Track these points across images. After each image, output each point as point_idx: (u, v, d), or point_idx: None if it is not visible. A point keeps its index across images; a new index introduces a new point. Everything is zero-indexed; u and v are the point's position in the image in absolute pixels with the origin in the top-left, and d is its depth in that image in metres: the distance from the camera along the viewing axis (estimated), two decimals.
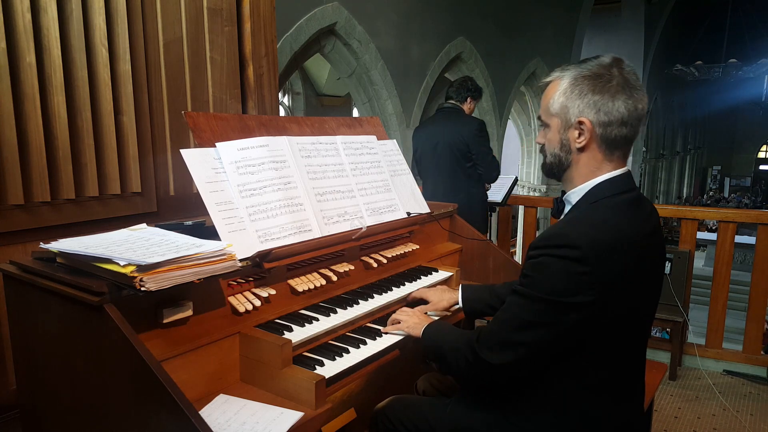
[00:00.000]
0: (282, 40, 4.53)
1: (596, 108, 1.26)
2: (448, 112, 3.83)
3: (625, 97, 1.25)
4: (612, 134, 1.27)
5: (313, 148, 1.87)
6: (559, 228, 1.25)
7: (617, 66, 1.28)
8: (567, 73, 1.31)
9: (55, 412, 1.44)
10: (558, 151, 1.34)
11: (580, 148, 1.31)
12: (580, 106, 1.27)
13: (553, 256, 1.20)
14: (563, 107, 1.30)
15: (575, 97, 1.28)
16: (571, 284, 1.18)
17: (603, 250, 1.18)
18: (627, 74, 1.27)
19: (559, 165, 1.36)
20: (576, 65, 1.31)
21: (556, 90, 1.32)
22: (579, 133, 1.29)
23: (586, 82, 1.27)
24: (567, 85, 1.29)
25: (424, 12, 6.47)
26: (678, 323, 3.53)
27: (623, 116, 1.26)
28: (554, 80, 1.34)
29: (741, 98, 21.40)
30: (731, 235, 3.59)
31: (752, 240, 3.97)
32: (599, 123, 1.27)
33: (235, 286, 1.54)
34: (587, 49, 11.92)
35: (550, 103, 1.33)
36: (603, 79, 1.26)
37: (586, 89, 1.27)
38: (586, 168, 1.32)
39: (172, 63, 2.13)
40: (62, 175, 1.82)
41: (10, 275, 1.42)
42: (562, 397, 1.30)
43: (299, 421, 1.28)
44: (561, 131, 1.32)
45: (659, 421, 2.97)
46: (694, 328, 3.84)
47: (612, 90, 1.25)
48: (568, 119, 1.30)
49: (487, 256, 2.39)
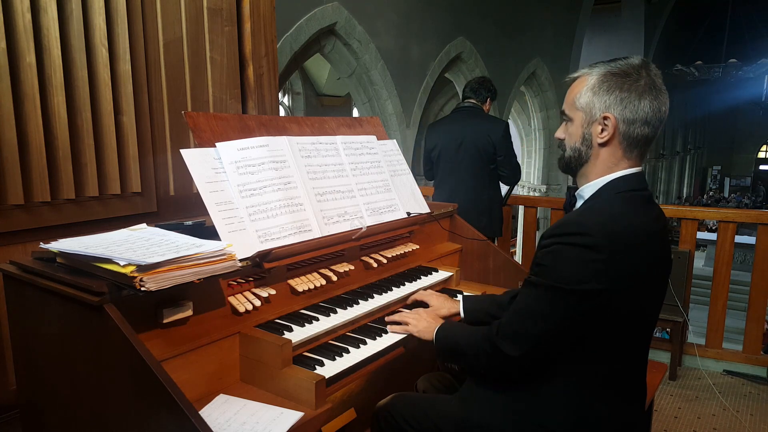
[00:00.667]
0: (282, 40, 4.53)
1: (623, 105, 1.29)
2: (471, 112, 3.73)
3: (651, 98, 1.28)
4: (634, 132, 1.30)
5: (313, 148, 1.87)
6: (573, 217, 1.27)
7: (645, 68, 1.31)
8: (596, 70, 1.33)
9: (55, 412, 1.44)
10: (579, 145, 1.36)
11: (601, 143, 1.33)
12: (606, 101, 1.30)
13: (567, 244, 1.22)
14: (590, 102, 1.32)
15: (603, 93, 1.30)
16: (585, 271, 1.20)
17: (616, 240, 1.21)
18: (654, 76, 1.30)
19: (578, 159, 1.38)
20: (605, 63, 1.34)
21: (583, 85, 1.34)
22: (602, 129, 1.32)
23: (614, 79, 1.30)
24: (595, 81, 1.32)
25: (424, 12, 6.47)
26: (678, 323, 3.53)
27: (647, 116, 1.29)
28: (582, 76, 1.36)
29: (741, 98, 21.39)
30: (731, 235, 3.59)
31: (752, 240, 3.97)
32: (624, 120, 1.29)
33: (235, 286, 1.54)
34: (587, 49, 11.93)
35: (576, 97, 1.35)
36: (631, 78, 1.29)
37: (614, 86, 1.29)
38: (603, 164, 1.34)
39: (172, 63, 2.13)
40: (62, 175, 1.82)
41: (10, 275, 1.42)
42: (568, 391, 1.31)
43: (299, 421, 1.28)
44: (584, 125, 1.34)
45: (659, 421, 2.97)
46: (694, 328, 3.84)
47: (639, 89, 1.28)
48: (593, 114, 1.32)
49: (487, 256, 2.39)
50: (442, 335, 1.55)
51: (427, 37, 6.62)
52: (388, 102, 6.18)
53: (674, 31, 18.20)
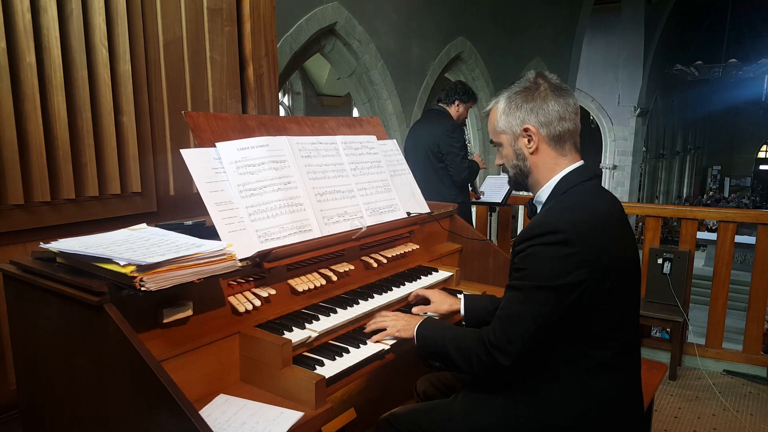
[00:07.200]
0: (282, 40, 4.52)
1: (534, 113, 1.43)
2: (432, 115, 3.93)
3: (555, 97, 1.42)
4: (556, 131, 1.43)
5: (313, 148, 1.87)
6: (539, 219, 1.36)
7: (540, 76, 1.46)
8: (501, 97, 1.49)
9: (55, 412, 1.44)
10: (516, 161, 1.49)
11: (532, 151, 1.45)
12: (520, 116, 1.45)
13: (540, 245, 1.30)
14: (507, 123, 1.47)
15: (514, 110, 1.45)
16: (563, 266, 1.28)
17: (585, 230, 1.29)
18: (551, 80, 1.45)
19: (521, 173, 1.51)
20: (506, 88, 1.50)
21: (497, 112, 1.50)
22: (528, 140, 1.45)
23: (518, 96, 1.45)
24: (504, 105, 1.47)
25: (424, 12, 6.47)
26: (678, 323, 3.53)
27: (559, 113, 1.42)
28: (493, 107, 1.52)
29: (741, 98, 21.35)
30: (731, 235, 3.59)
31: (752, 240, 3.96)
32: (541, 124, 1.43)
33: (235, 286, 1.54)
34: (587, 49, 11.92)
35: (495, 125, 1.50)
36: (531, 89, 1.44)
37: (520, 102, 1.44)
38: (545, 168, 1.46)
39: (172, 63, 2.13)
40: (62, 175, 1.81)
41: (10, 275, 1.42)
42: (568, 384, 1.34)
43: (299, 421, 1.28)
44: (512, 144, 1.48)
45: (659, 421, 2.97)
46: (694, 328, 3.84)
47: (542, 95, 1.43)
48: (515, 131, 1.46)
49: (487, 256, 2.39)
50: (422, 334, 1.56)
51: (427, 37, 6.62)
52: (388, 102, 6.17)
53: (674, 31, 18.17)
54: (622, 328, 1.37)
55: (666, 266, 3.68)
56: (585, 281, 1.27)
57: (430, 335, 1.54)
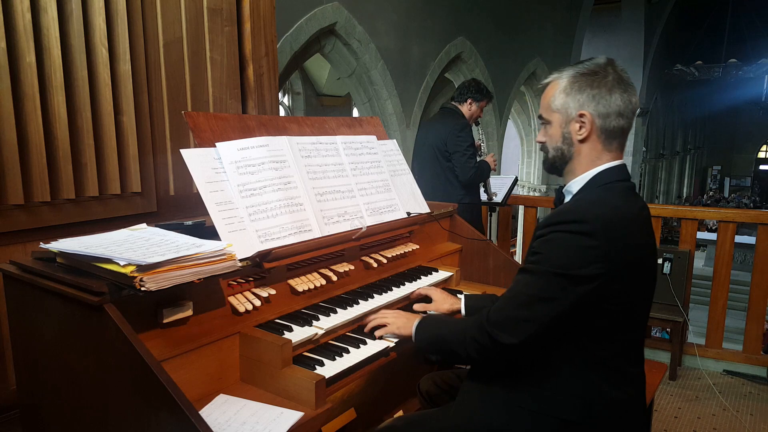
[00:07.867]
0: (282, 40, 4.52)
1: (596, 101, 1.36)
2: (444, 113, 3.91)
3: (620, 91, 1.35)
4: (610, 125, 1.37)
5: (313, 148, 1.87)
6: (567, 206, 1.33)
7: (611, 65, 1.38)
8: (565, 73, 1.40)
9: (55, 412, 1.44)
10: (560, 144, 1.42)
11: (581, 139, 1.39)
12: (580, 100, 1.37)
13: (563, 232, 1.27)
14: (564, 103, 1.39)
15: (575, 93, 1.37)
16: (582, 257, 1.24)
17: (610, 227, 1.26)
18: (620, 72, 1.38)
19: (561, 158, 1.44)
20: (573, 66, 1.41)
21: (556, 88, 1.41)
22: (580, 126, 1.38)
23: (584, 78, 1.37)
24: (566, 83, 1.39)
25: (424, 12, 6.47)
26: (678, 323, 3.53)
27: (620, 108, 1.36)
28: (553, 80, 1.43)
29: (741, 98, 21.35)
30: (731, 235, 3.59)
31: (752, 240, 3.97)
32: (599, 114, 1.36)
33: (235, 286, 1.54)
34: (587, 49, 11.91)
35: (551, 101, 1.42)
36: (599, 75, 1.36)
37: (584, 85, 1.37)
38: (587, 159, 1.40)
39: (172, 63, 2.13)
40: (62, 175, 1.81)
41: (10, 275, 1.42)
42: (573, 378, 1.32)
43: (299, 421, 1.28)
44: (563, 125, 1.41)
45: (659, 421, 2.97)
46: (694, 328, 3.84)
47: (608, 85, 1.35)
48: (570, 113, 1.39)
49: (487, 256, 2.38)
50: (422, 330, 1.55)
51: (427, 37, 6.62)
52: (388, 102, 6.17)
53: (674, 31, 18.18)
54: (628, 330, 1.35)
55: (666, 266, 3.68)
56: (600, 276, 1.24)
57: (432, 329, 1.53)
